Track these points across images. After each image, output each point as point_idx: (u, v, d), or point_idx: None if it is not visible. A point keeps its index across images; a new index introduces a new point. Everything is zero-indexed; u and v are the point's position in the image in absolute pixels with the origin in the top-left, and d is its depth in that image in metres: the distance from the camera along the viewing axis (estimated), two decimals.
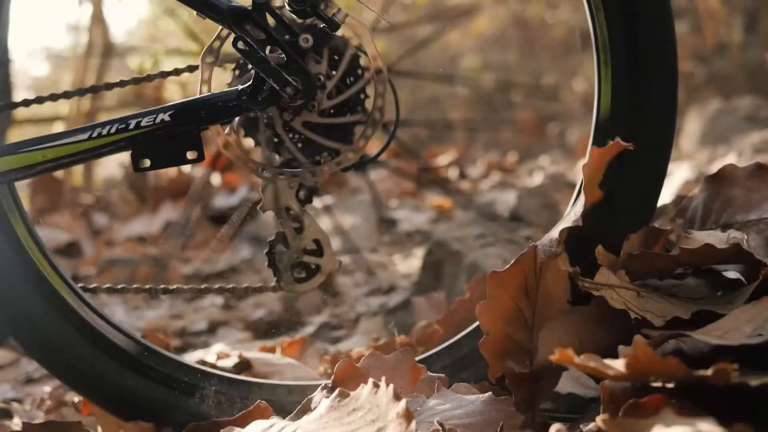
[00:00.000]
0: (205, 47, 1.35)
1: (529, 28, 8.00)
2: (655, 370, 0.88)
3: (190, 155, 1.34)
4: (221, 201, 3.85)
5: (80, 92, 1.50)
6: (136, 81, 1.48)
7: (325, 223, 3.45)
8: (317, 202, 3.93)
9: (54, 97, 1.45)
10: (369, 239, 3.33)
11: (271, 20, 1.31)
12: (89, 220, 4.30)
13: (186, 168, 4.55)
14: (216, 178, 4.20)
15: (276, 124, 1.37)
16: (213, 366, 1.65)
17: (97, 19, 6.06)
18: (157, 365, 1.47)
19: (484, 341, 1.17)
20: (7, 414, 1.94)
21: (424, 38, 1.45)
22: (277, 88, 1.29)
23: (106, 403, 1.49)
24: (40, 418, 1.90)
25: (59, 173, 5.31)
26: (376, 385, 0.97)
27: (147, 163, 1.34)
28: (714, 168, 1.72)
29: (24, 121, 4.86)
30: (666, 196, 2.83)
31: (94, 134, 1.32)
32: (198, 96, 1.35)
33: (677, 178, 3.20)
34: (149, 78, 1.47)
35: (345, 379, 1.17)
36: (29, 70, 9.51)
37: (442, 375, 1.24)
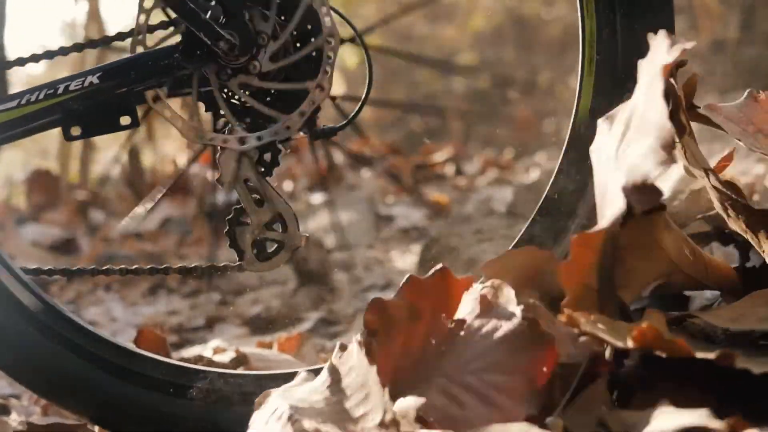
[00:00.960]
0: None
1: (525, 25, 8.00)
2: (660, 347, 0.87)
3: (124, 121, 1.27)
4: (219, 197, 3.85)
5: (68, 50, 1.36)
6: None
7: (321, 219, 3.46)
8: (317, 198, 3.94)
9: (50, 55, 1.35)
10: (366, 235, 3.34)
11: None
12: (86, 216, 4.30)
13: (182, 163, 4.56)
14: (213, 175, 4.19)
15: (212, 83, 1.24)
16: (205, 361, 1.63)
17: (93, 16, 6.06)
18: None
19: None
20: (5, 410, 1.95)
21: (402, 7, 1.32)
22: (209, 42, 1.19)
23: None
24: (37, 413, 1.90)
25: (55, 169, 5.31)
26: (360, 345, 0.96)
27: (78, 131, 1.26)
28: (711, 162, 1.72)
29: None
30: (663, 192, 2.84)
31: (23, 101, 1.26)
32: (128, 55, 1.25)
33: (674, 175, 3.20)
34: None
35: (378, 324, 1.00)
36: (25, 68, 9.48)
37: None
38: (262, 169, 1.27)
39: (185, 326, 2.51)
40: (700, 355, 0.85)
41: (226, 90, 1.25)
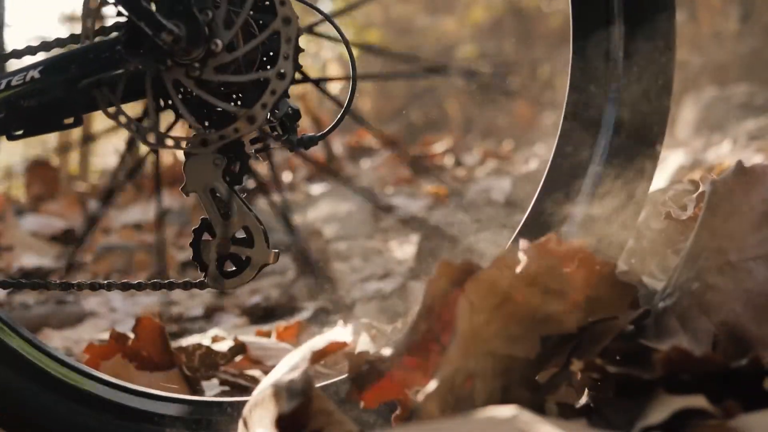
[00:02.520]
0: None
1: (525, 17, 7.99)
2: (691, 366, 0.86)
3: (67, 120, 1.17)
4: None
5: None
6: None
7: (320, 209, 3.46)
8: (317, 189, 3.94)
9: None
10: (364, 226, 3.34)
11: None
12: (85, 207, 4.30)
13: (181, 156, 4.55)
14: None
15: (165, 80, 1.11)
16: None
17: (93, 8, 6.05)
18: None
19: None
20: None
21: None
22: (150, 33, 1.06)
23: None
24: None
25: (55, 161, 5.31)
26: None
27: (21, 130, 1.17)
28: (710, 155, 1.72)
29: None
30: (660, 182, 2.85)
31: None
32: (69, 49, 1.16)
33: (672, 164, 3.21)
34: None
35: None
36: (24, 61, 9.47)
37: None
38: (230, 179, 1.15)
39: (184, 316, 2.51)
40: (733, 364, 0.84)
41: (181, 88, 1.12)
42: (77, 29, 1.20)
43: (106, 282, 1.28)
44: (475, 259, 0.88)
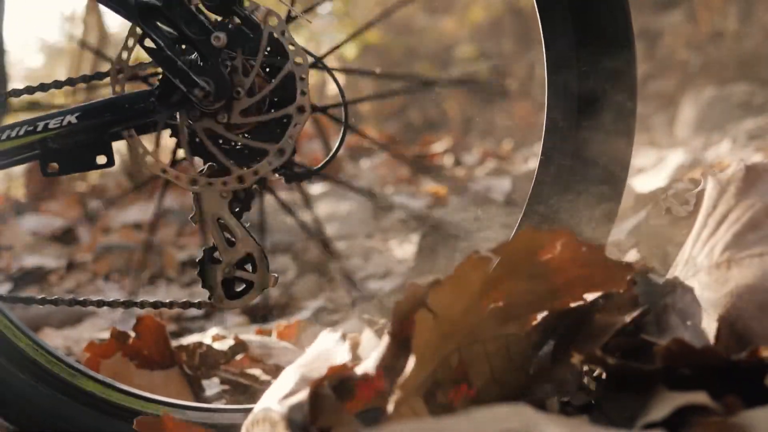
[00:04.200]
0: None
1: (524, 17, 7.99)
2: (691, 358, 0.87)
3: (100, 160, 1.29)
4: None
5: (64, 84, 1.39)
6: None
7: (321, 208, 3.46)
8: (316, 189, 3.94)
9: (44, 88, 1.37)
10: (364, 225, 3.34)
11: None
12: (85, 206, 4.30)
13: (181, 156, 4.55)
14: None
15: (197, 128, 1.26)
16: None
17: (92, 8, 6.05)
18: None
19: None
20: None
21: (373, 19, 1.37)
22: (184, 90, 1.22)
23: None
24: None
25: None
26: None
27: (56, 167, 1.29)
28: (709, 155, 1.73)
29: (20, 109, 4.84)
30: (660, 181, 2.85)
31: (3, 137, 1.28)
32: (106, 97, 1.28)
33: (672, 163, 3.22)
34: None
35: None
36: (24, 61, 9.49)
37: None
38: (237, 209, 1.29)
39: (184, 315, 2.51)
40: (733, 358, 0.85)
41: (203, 131, 1.26)
42: (77, 29, 1.25)
43: (110, 300, 1.39)
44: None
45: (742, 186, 1.00)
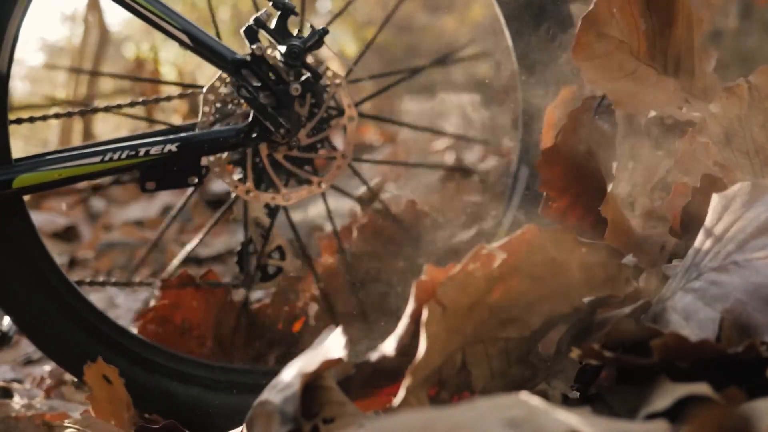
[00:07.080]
0: (207, 86, 1.53)
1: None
2: (688, 352, 0.88)
3: (191, 180, 1.50)
4: (218, 186, 3.86)
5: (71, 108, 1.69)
6: (144, 103, 1.69)
7: (322, 206, 3.46)
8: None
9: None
10: None
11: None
12: (87, 204, 4.30)
13: None
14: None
15: (261, 155, 1.55)
16: None
17: (93, 7, 6.05)
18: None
19: None
20: (8, 393, 1.96)
21: (389, 84, 1.76)
22: (273, 129, 1.49)
23: None
24: (40, 396, 1.91)
25: None
26: None
27: (153, 185, 1.49)
28: None
29: (20, 107, 4.85)
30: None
31: (106, 158, 1.45)
32: (203, 131, 1.51)
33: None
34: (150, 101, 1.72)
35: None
36: (24, 60, 9.48)
37: None
38: (270, 212, 1.67)
39: None
40: (730, 350, 0.85)
41: (270, 160, 1.56)
42: (78, 30, 1.34)
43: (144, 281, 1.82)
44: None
45: (747, 200, 1.01)
